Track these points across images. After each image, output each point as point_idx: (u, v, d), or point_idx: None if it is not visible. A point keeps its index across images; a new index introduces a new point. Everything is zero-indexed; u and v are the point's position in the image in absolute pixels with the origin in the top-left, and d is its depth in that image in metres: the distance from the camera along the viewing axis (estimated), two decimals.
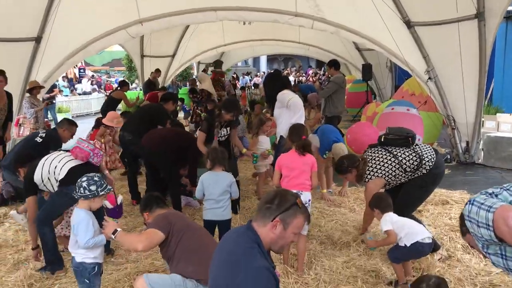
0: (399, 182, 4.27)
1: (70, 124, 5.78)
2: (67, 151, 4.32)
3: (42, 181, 4.14)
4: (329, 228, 5.04)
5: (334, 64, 8.58)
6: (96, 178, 3.25)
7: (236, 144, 5.96)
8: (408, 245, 3.59)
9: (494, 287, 3.64)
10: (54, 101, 14.92)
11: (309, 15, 7.65)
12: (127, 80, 14.91)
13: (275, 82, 6.21)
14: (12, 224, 5.66)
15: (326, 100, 8.45)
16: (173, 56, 15.44)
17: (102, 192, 3.22)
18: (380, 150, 4.30)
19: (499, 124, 8.16)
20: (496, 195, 2.20)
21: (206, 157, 4.45)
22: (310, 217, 2.46)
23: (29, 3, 7.80)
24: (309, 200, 4.21)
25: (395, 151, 4.23)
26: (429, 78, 7.70)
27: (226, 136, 5.68)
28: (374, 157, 4.26)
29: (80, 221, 3.19)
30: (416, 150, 4.22)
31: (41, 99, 8.65)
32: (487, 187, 2.25)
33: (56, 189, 4.12)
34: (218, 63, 14.16)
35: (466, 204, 2.28)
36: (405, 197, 4.25)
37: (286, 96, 5.76)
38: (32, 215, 4.23)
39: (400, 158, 4.15)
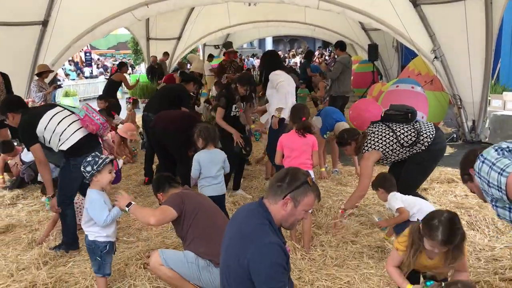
0: (398, 157, 4.32)
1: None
2: (73, 112, 4.18)
3: (43, 136, 4.06)
4: (337, 208, 5.11)
5: (340, 45, 8.67)
6: (89, 158, 3.27)
7: (246, 119, 6.05)
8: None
9: (496, 261, 3.72)
10: (61, 86, 14.97)
11: None
12: (125, 61, 14.87)
13: (269, 62, 6.15)
14: (25, 206, 5.79)
15: (333, 80, 8.51)
16: (178, 38, 15.44)
17: (100, 167, 3.24)
18: (380, 125, 4.38)
19: (505, 102, 8.14)
20: (510, 151, 2.21)
21: (197, 136, 4.52)
22: (320, 195, 2.52)
23: None
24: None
25: (394, 126, 4.30)
26: (435, 57, 7.69)
27: (238, 112, 5.76)
28: (374, 131, 4.35)
29: (93, 201, 3.28)
30: (415, 126, 4.28)
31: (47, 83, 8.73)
32: None
33: (55, 149, 4.08)
34: (227, 44, 13.85)
35: (477, 159, 2.29)
36: (407, 175, 4.32)
37: (277, 77, 5.69)
38: (42, 159, 4.17)
39: (398, 133, 4.21)
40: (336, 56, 8.94)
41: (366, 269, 3.72)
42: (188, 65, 15.35)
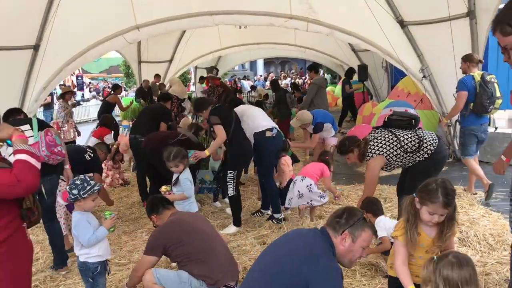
0: (402, 163, 4.36)
1: (108, 149, 6.53)
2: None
3: None
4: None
5: (314, 68, 9.03)
6: (77, 182, 3.23)
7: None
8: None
9: (487, 275, 3.72)
10: (80, 103, 15.38)
11: (303, 17, 7.76)
12: (119, 84, 15.07)
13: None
14: None
15: (310, 104, 8.68)
16: (170, 61, 15.56)
17: (85, 195, 3.20)
18: (382, 131, 4.41)
19: (494, 120, 8.23)
20: None
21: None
22: (376, 232, 2.65)
23: (27, 12, 7.87)
24: (310, 185, 5.16)
25: (397, 132, 4.34)
26: (424, 76, 7.79)
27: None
28: (376, 137, 4.36)
29: (76, 223, 3.27)
30: (418, 133, 4.34)
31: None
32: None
33: None
34: (209, 69, 13.21)
35: None
36: (411, 184, 4.32)
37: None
38: None
39: (402, 139, 4.25)
40: (311, 79, 9.03)
41: (359, 287, 3.71)
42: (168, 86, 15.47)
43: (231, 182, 5.24)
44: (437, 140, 4.30)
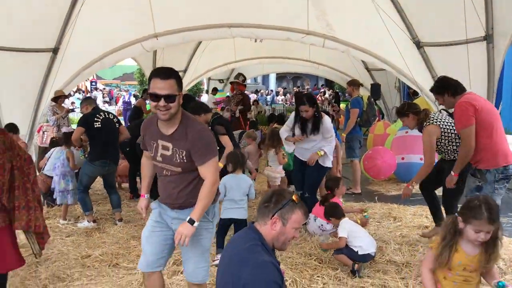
0: (446, 149, 4.82)
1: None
2: None
3: None
4: None
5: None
6: None
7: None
8: (360, 253, 4.37)
9: None
10: (74, 110, 15.57)
11: (320, 34, 7.80)
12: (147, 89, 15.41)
13: None
14: None
15: None
16: (185, 71, 15.64)
17: None
18: (442, 113, 4.92)
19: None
20: None
21: (227, 161, 4.70)
22: (308, 212, 2.61)
23: (48, 15, 8.01)
24: (321, 225, 5.30)
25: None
26: None
27: None
28: (438, 114, 4.90)
29: None
30: None
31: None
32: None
33: None
34: (236, 76, 13.33)
35: None
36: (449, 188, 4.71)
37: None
38: None
39: None
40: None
41: None
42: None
43: None
44: None
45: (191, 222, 2.89)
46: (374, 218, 6.21)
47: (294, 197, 2.49)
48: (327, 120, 5.62)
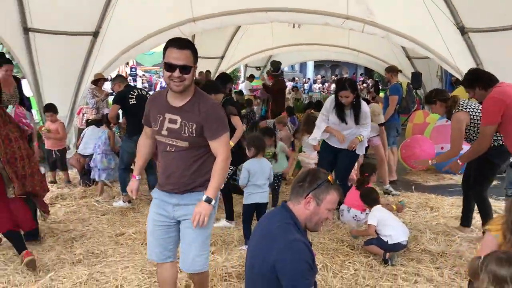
0: (473, 137, 4.65)
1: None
2: None
3: None
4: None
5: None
6: None
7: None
8: (390, 242, 4.28)
9: None
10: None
11: (360, 18, 7.61)
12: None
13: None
14: (63, 206, 5.97)
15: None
16: (222, 57, 15.69)
17: None
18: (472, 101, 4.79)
19: None
20: None
21: (249, 145, 4.63)
22: (342, 194, 2.56)
23: (90, 0, 8.19)
24: (355, 215, 5.25)
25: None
26: None
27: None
28: (468, 101, 4.76)
29: None
30: None
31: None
32: None
33: None
34: (273, 63, 12.75)
35: None
36: (477, 171, 4.70)
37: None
38: None
39: None
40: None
41: None
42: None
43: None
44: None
45: (208, 200, 2.77)
46: (410, 207, 6.05)
47: (329, 177, 2.45)
48: (365, 105, 5.49)
